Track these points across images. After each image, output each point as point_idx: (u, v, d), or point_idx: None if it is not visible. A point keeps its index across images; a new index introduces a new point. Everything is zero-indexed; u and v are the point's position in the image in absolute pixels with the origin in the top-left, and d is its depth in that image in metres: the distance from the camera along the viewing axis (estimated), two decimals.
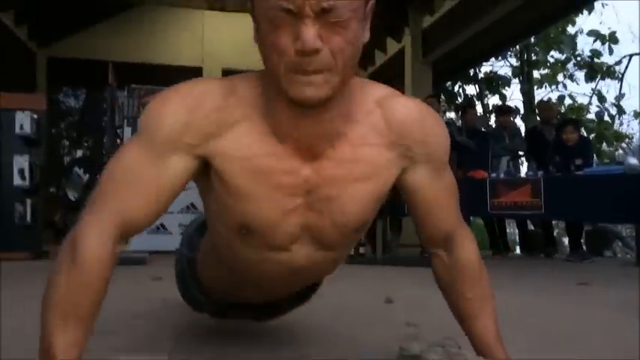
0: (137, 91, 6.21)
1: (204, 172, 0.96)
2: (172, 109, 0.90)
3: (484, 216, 5.73)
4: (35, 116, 5.09)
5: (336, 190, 0.97)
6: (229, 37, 9.99)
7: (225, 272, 1.21)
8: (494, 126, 7.00)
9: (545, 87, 13.07)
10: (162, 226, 5.66)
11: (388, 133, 0.98)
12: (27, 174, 5.00)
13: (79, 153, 6.57)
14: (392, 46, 9.66)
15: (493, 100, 12.95)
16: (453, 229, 1.10)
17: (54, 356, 0.79)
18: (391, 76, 9.71)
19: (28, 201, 5.04)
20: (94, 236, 0.84)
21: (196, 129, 0.90)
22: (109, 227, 0.86)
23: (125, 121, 6.00)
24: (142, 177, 0.89)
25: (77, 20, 9.51)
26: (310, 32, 0.80)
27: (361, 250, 5.21)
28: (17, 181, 5.00)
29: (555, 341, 1.61)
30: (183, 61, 9.88)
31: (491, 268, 1.15)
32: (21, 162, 5.00)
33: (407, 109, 1.00)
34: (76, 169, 5.44)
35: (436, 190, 1.06)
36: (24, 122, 5.01)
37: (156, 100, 0.94)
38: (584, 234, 5.98)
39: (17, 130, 5.00)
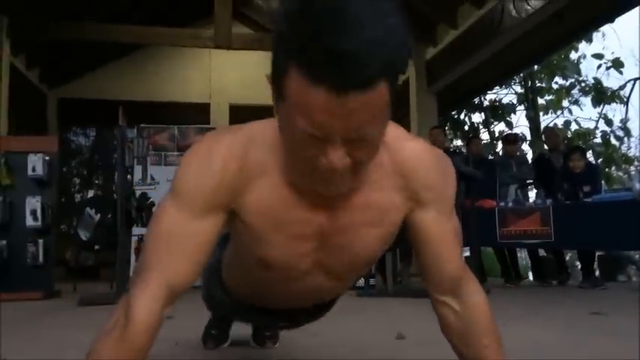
0: (146, 130, 6.32)
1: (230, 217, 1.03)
2: (202, 173, 0.96)
3: (494, 246, 5.71)
4: (47, 158, 5.17)
5: (348, 238, 1.03)
6: (236, 73, 10.17)
7: (245, 283, 1.31)
8: (501, 154, 7.02)
9: (551, 113, 13.13)
10: None
11: (396, 176, 1.01)
12: (39, 215, 5.05)
13: (91, 193, 6.64)
14: None
15: (499, 127, 13.02)
16: (459, 274, 1.09)
17: None
18: (396, 106, 9.80)
19: (41, 241, 5.08)
20: (144, 303, 0.90)
21: (225, 188, 0.96)
22: (158, 293, 0.92)
23: (135, 160, 6.09)
24: (183, 240, 0.95)
25: (86, 62, 9.74)
26: (338, 154, 0.81)
27: (372, 281, 5.18)
28: (30, 222, 5.05)
29: None
30: (191, 98, 10.06)
31: (503, 297, 1.16)
32: (33, 203, 5.06)
33: (414, 153, 1.02)
34: (88, 209, 5.49)
35: (442, 232, 1.06)
36: (36, 164, 5.09)
37: (185, 163, 0.99)
38: (597, 259, 5.94)
39: (30, 172, 5.07)
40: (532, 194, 6.07)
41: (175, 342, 2.19)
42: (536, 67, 11.68)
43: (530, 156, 9.11)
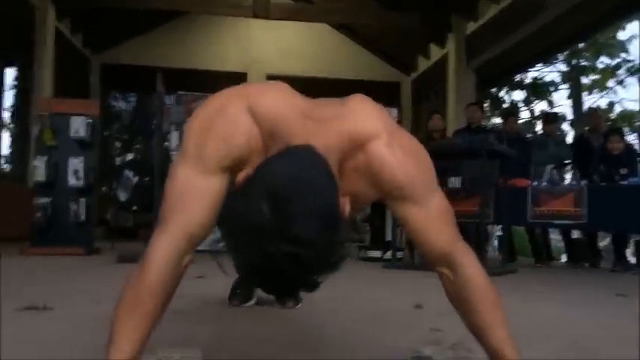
0: (184, 97, 6.43)
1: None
2: (213, 138, 1.05)
3: (525, 225, 5.66)
4: (89, 121, 5.36)
5: None
6: (274, 44, 10.20)
7: None
8: (539, 134, 6.89)
9: (595, 93, 12.75)
10: None
11: (368, 176, 1.10)
12: (81, 175, 5.27)
13: (130, 156, 6.85)
14: (435, 52, 9.65)
15: (540, 106, 12.71)
16: (449, 249, 1.13)
17: (113, 352, 0.91)
18: (434, 81, 9.69)
19: (82, 200, 5.31)
20: (161, 250, 0.97)
21: (233, 156, 1.05)
22: (176, 242, 0.99)
23: (172, 126, 6.23)
24: (198, 194, 1.03)
25: (128, 29, 9.91)
26: None
27: (399, 254, 5.24)
28: (72, 181, 5.27)
29: (578, 352, 1.64)
30: (228, 67, 10.14)
31: (531, 276, 1.18)
32: (76, 163, 5.27)
33: (377, 155, 1.08)
34: (127, 171, 5.68)
35: (424, 219, 1.12)
36: (79, 126, 5.28)
37: (197, 125, 1.08)
38: (633, 244, 5.83)
39: (72, 133, 5.28)
40: (569, 176, 5.97)
41: (203, 298, 2.30)
42: (581, 45, 11.30)
43: (571, 136, 8.89)
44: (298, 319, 2.07)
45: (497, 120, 12.28)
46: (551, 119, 6.31)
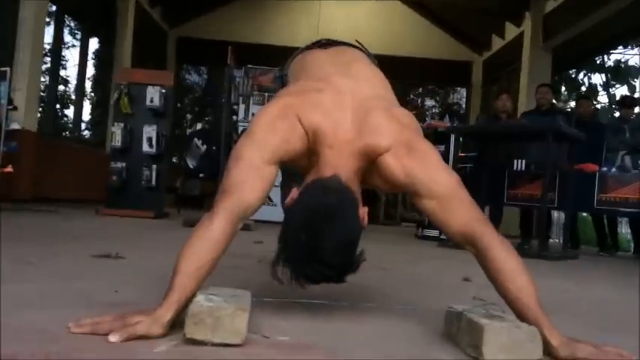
0: (252, 71, 6.61)
1: None
2: (277, 137, 1.32)
3: (590, 211, 5.49)
4: (163, 91, 5.63)
5: None
6: (344, 23, 10.20)
7: None
8: (614, 118, 6.59)
9: None
10: (269, 197, 6.04)
11: (384, 180, 1.40)
12: (154, 142, 5.57)
13: (199, 126, 7.14)
14: (510, 32, 9.36)
15: (621, 91, 12.05)
16: (466, 229, 1.30)
17: (173, 288, 1.10)
18: (508, 62, 9.42)
19: (154, 166, 5.62)
20: (226, 212, 1.22)
21: (289, 154, 1.34)
22: (236, 209, 1.24)
23: (240, 98, 6.44)
24: (258, 175, 1.28)
25: (204, 3, 10.22)
26: None
27: None
28: (146, 148, 5.58)
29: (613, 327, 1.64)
30: (298, 44, 10.14)
31: (592, 263, 1.20)
32: (149, 131, 5.57)
33: (386, 170, 1.36)
34: (196, 140, 5.93)
35: (437, 209, 1.33)
36: (154, 96, 5.57)
37: (264, 122, 1.35)
38: None
39: (147, 102, 5.57)
40: None
41: (259, 259, 2.44)
42: None
43: None
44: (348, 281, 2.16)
45: (573, 104, 11.76)
46: (629, 103, 6.02)
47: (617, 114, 9.82)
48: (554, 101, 6.19)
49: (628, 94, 11.58)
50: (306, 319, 1.35)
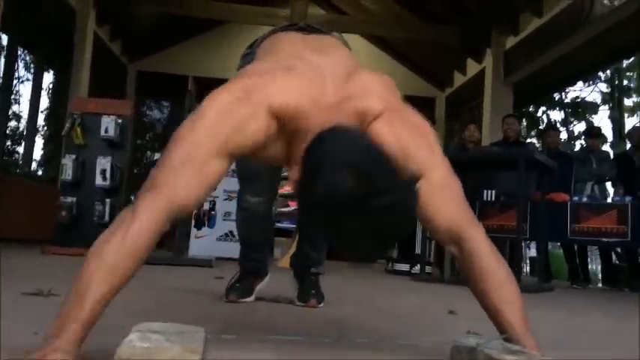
0: None
1: None
2: (231, 125, 1.07)
3: (563, 242, 5.40)
4: (120, 121, 5.32)
5: None
6: None
7: None
8: (580, 149, 6.62)
9: (637, 115, 12.31)
10: (231, 233, 5.76)
11: None
12: (108, 175, 5.22)
13: (157, 156, 6.83)
14: (472, 68, 9.46)
15: (579, 128, 12.34)
16: (455, 223, 1.13)
17: (85, 297, 0.87)
18: (470, 97, 9.48)
19: (108, 200, 5.25)
20: (153, 212, 0.96)
21: (244, 147, 1.09)
22: (166, 208, 0.98)
23: None
24: (199, 170, 1.03)
25: (166, 37, 10.03)
26: None
27: (428, 269, 5.03)
28: (99, 181, 5.22)
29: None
30: None
31: (568, 296, 1.06)
32: (103, 163, 5.22)
33: (380, 137, 1.13)
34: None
35: (427, 191, 1.10)
36: (109, 126, 5.25)
37: (219, 104, 1.09)
38: None
39: (102, 132, 5.25)
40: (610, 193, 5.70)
41: (220, 296, 2.16)
42: (625, 64, 10.95)
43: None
44: (318, 316, 1.91)
45: (534, 141, 11.95)
46: (596, 133, 6.05)
47: (576, 149, 10.00)
48: None
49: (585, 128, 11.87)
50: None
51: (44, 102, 8.62)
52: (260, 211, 2.01)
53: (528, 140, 11.88)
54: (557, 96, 11.49)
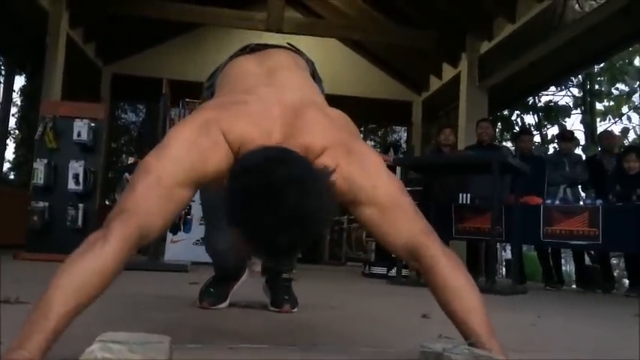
0: (191, 105, 6.34)
1: None
2: (194, 155, 1.14)
3: (536, 244, 5.47)
4: (92, 124, 5.24)
5: None
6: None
7: None
8: (553, 152, 6.71)
9: (609, 119, 12.56)
10: None
11: None
12: (81, 179, 5.14)
13: (131, 160, 6.73)
14: (448, 72, 9.56)
15: (552, 131, 12.54)
16: (410, 239, 1.17)
17: (51, 309, 0.89)
18: (446, 101, 9.58)
19: (81, 205, 5.17)
20: (122, 235, 1.00)
21: (207, 176, 1.16)
22: (135, 233, 1.02)
23: None
24: (166, 198, 1.09)
25: (141, 40, 9.93)
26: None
27: (404, 272, 5.05)
28: (71, 185, 5.13)
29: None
30: None
31: (542, 297, 1.07)
32: (76, 167, 5.14)
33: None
34: (126, 175, 5.57)
35: (377, 217, 1.19)
36: (81, 130, 5.17)
37: (183, 134, 1.17)
38: None
39: (75, 137, 5.16)
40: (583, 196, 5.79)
41: (193, 300, 2.14)
42: (596, 69, 11.17)
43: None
44: (291, 321, 1.91)
45: (509, 144, 12.11)
46: (569, 137, 6.14)
47: (550, 152, 10.16)
48: None
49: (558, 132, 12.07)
50: None
51: (16, 106, 8.42)
52: (228, 246, 2.01)
53: (503, 143, 12.04)
54: (530, 100, 11.65)
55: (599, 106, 12.47)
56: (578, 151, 11.17)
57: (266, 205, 0.96)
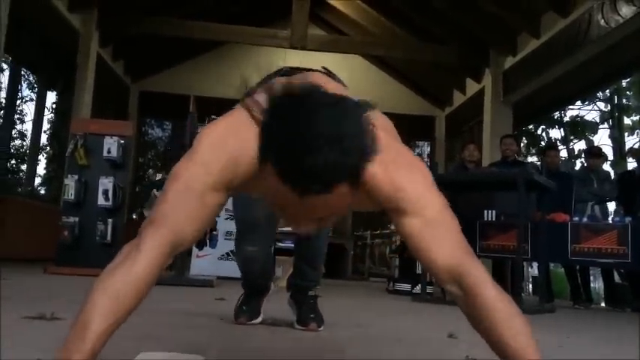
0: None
1: None
2: (224, 157, 1.08)
3: (563, 262, 5.39)
4: (122, 141, 5.37)
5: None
6: None
7: None
8: (581, 168, 6.62)
9: (637, 134, 12.35)
10: (232, 252, 5.77)
11: (366, 193, 1.11)
12: (110, 195, 5.25)
13: (159, 176, 6.85)
14: (471, 87, 9.53)
15: (579, 146, 12.37)
16: (455, 262, 1.07)
17: (88, 328, 0.88)
18: (470, 116, 9.54)
19: (110, 220, 5.28)
20: (155, 245, 0.98)
21: (239, 178, 1.10)
22: (167, 243, 1.00)
23: None
24: (197, 205, 1.06)
25: (168, 57, 10.14)
26: (304, 227, 0.98)
27: (429, 289, 5.02)
28: (101, 201, 5.26)
29: None
30: None
31: (570, 316, 1.05)
32: (106, 183, 5.26)
33: (370, 177, 1.07)
34: (154, 191, 5.66)
35: (422, 230, 1.10)
36: (111, 147, 5.30)
37: (211, 138, 1.12)
38: None
39: (105, 153, 5.29)
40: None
41: (220, 317, 2.18)
42: (624, 83, 11.02)
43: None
44: (318, 340, 1.92)
45: (534, 159, 11.98)
46: (596, 153, 6.05)
47: (577, 167, 10.01)
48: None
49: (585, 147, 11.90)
50: None
51: (47, 122, 8.66)
52: (259, 257, 2.10)
53: (529, 158, 11.92)
54: (556, 115, 11.52)
55: (627, 120, 12.29)
56: (607, 167, 11.01)
57: (298, 125, 0.88)
